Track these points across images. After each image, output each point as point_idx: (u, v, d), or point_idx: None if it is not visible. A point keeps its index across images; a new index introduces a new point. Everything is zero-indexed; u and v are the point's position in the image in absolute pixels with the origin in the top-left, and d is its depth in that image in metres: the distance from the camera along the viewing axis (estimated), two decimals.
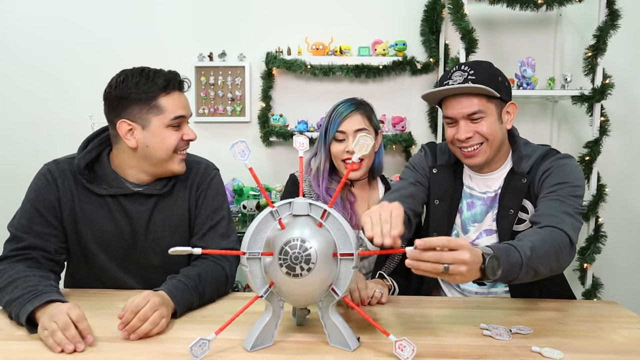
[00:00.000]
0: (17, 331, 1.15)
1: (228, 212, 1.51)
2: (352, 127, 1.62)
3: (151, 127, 1.35)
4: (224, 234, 1.46)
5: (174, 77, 1.38)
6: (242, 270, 1.07)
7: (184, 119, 1.40)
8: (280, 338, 1.11)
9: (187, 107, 1.42)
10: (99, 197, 1.39)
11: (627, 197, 2.88)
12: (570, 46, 2.84)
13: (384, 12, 2.90)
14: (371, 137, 1.04)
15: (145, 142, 1.36)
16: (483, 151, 1.42)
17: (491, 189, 1.49)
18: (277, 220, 1.03)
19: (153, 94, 1.34)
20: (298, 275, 0.98)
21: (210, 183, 1.50)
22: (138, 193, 1.41)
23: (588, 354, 1.06)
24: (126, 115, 1.34)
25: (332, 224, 1.03)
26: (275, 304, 1.07)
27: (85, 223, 1.39)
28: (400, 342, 0.99)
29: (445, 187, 1.53)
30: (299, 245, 0.98)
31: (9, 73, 2.95)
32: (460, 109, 1.40)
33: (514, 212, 1.42)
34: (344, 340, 1.05)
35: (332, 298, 1.05)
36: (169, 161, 1.39)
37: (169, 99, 1.36)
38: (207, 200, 1.48)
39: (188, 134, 1.42)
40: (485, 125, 1.39)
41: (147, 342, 1.09)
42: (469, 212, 1.52)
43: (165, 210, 1.44)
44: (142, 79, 1.34)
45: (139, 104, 1.34)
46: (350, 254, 1.02)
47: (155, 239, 1.43)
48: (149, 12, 2.92)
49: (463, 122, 1.41)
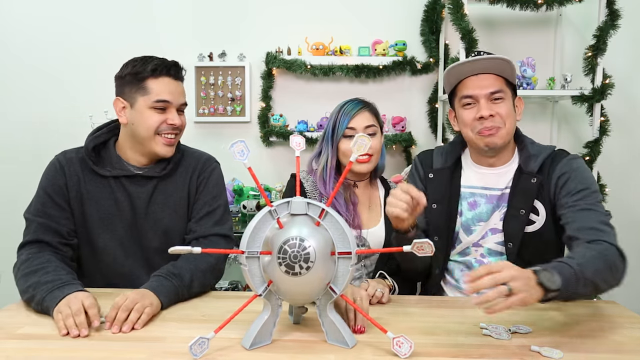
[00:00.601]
0: (17, 330, 1.15)
1: (225, 203, 1.57)
2: (362, 123, 1.64)
3: (137, 105, 1.44)
4: (218, 221, 1.52)
5: (164, 63, 1.46)
6: (241, 270, 1.07)
7: (168, 103, 1.45)
8: (278, 336, 1.11)
9: (177, 95, 1.47)
10: (102, 179, 1.48)
11: (627, 197, 2.88)
12: (570, 46, 2.84)
13: (384, 12, 2.90)
14: (369, 138, 1.05)
15: (132, 120, 1.46)
16: (501, 135, 1.42)
17: (496, 186, 1.48)
18: (276, 219, 1.04)
19: (142, 75, 1.43)
20: (297, 273, 0.99)
21: (211, 173, 1.57)
22: (139, 175, 1.49)
23: (588, 354, 1.06)
24: (121, 94, 1.47)
25: (330, 222, 1.04)
26: (274, 302, 1.07)
27: (91, 203, 1.47)
28: (397, 338, 1.00)
29: (442, 190, 1.53)
30: (298, 244, 0.99)
31: (9, 73, 2.95)
32: (483, 87, 1.41)
33: (525, 212, 1.41)
34: (342, 338, 1.06)
35: (329, 296, 1.05)
36: (151, 141, 1.46)
37: (157, 83, 1.44)
38: (207, 188, 1.54)
39: (172, 119, 1.46)
40: (504, 108, 1.41)
41: (147, 341, 1.09)
42: (471, 211, 1.51)
43: (165, 192, 1.51)
44: (138, 62, 1.45)
45: (131, 84, 1.44)
46: (348, 253, 1.03)
47: (155, 219, 1.49)
48: (149, 12, 2.92)
49: (484, 101, 1.41)
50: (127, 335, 1.12)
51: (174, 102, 1.47)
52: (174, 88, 1.47)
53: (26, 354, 1.03)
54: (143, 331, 1.15)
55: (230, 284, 2.73)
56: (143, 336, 1.12)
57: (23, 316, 1.25)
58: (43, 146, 2.84)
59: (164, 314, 1.26)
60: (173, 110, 1.47)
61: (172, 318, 1.23)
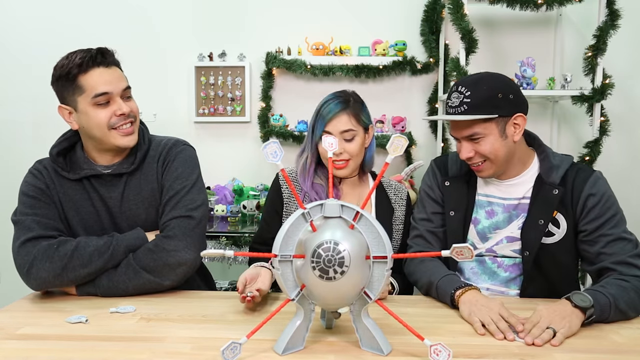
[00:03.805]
0: (17, 330, 1.15)
1: (193, 183, 1.45)
2: (338, 128, 1.58)
3: (80, 107, 1.36)
4: (178, 203, 1.41)
5: (90, 54, 1.36)
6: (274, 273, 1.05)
7: (108, 95, 1.36)
8: (310, 341, 1.08)
9: (112, 82, 1.37)
10: (75, 182, 1.43)
11: (627, 197, 2.87)
12: (570, 46, 2.84)
13: (384, 12, 2.90)
14: (405, 138, 1.02)
15: (82, 123, 1.38)
16: (487, 167, 1.44)
17: (513, 195, 1.48)
18: (309, 222, 1.01)
19: (72, 73, 1.34)
20: (331, 278, 0.96)
21: (176, 156, 1.48)
22: (108, 174, 1.44)
23: (588, 354, 1.06)
24: (62, 100, 1.39)
25: (364, 225, 1.01)
26: (307, 307, 1.04)
27: (70, 208, 1.43)
28: (435, 346, 0.96)
29: (458, 198, 1.53)
30: (332, 248, 0.96)
31: (8, 74, 2.95)
32: (458, 132, 1.43)
33: (544, 222, 1.41)
34: (377, 345, 1.03)
35: (364, 301, 1.02)
36: (109, 137, 1.39)
37: (88, 77, 1.34)
38: (169, 172, 1.46)
39: (120, 109, 1.37)
40: (484, 145, 1.40)
41: (147, 342, 1.09)
42: (488, 220, 1.50)
43: (136, 187, 1.45)
44: (64, 61, 1.35)
45: (66, 87, 1.36)
46: (384, 257, 1.00)
47: (131, 216, 1.45)
48: (149, 12, 2.92)
49: (464, 142, 1.43)
50: (127, 336, 1.12)
51: (114, 91, 1.37)
52: (108, 77, 1.37)
53: (25, 354, 1.03)
54: (143, 331, 1.15)
55: (230, 284, 2.73)
56: (143, 336, 1.12)
57: (23, 316, 1.25)
58: (43, 146, 2.83)
59: (164, 314, 1.26)
60: (117, 99, 1.38)
61: (172, 318, 1.23)
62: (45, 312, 1.27)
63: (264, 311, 1.28)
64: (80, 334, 1.13)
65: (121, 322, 1.20)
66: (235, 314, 1.27)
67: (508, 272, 1.48)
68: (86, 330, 1.15)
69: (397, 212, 1.68)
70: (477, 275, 1.52)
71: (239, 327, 1.14)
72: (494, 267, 1.50)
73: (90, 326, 1.18)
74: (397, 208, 1.68)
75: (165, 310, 1.28)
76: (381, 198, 1.69)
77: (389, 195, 1.70)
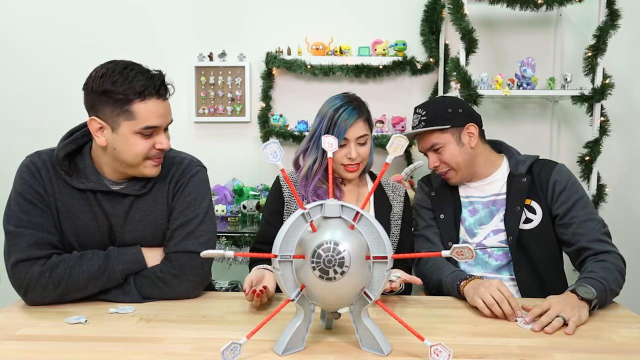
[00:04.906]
0: (17, 331, 1.15)
1: (206, 212, 1.41)
2: (356, 134, 1.58)
3: (120, 130, 1.28)
4: (191, 233, 1.37)
5: (154, 82, 1.28)
6: (274, 274, 1.05)
7: (157, 129, 1.31)
8: (310, 342, 1.08)
9: (165, 115, 1.32)
10: (78, 191, 1.35)
11: (627, 197, 2.88)
12: (570, 46, 2.83)
13: (384, 12, 2.89)
14: (405, 138, 1.02)
15: (113, 145, 1.30)
16: (452, 174, 1.66)
17: (489, 193, 1.67)
18: (309, 222, 1.01)
19: (128, 97, 1.25)
20: (331, 278, 0.96)
21: (190, 179, 1.42)
22: (115, 192, 1.36)
23: (587, 354, 1.06)
24: (98, 112, 1.28)
25: (364, 226, 1.01)
26: (307, 307, 1.04)
27: (66, 217, 1.35)
28: (435, 346, 0.96)
29: (445, 203, 1.70)
30: (332, 248, 0.96)
31: (7, 74, 2.94)
32: (422, 145, 1.69)
33: (519, 208, 1.59)
34: (377, 345, 1.03)
35: (364, 302, 1.03)
36: (139, 166, 1.33)
37: (144, 106, 1.27)
38: (182, 196, 1.40)
39: (161, 143, 1.32)
40: (444, 154, 1.63)
41: (147, 342, 1.09)
42: (472, 217, 1.68)
43: (144, 208, 1.39)
44: (120, 78, 1.25)
45: (112, 105, 1.26)
46: (384, 257, 1.00)
47: (135, 237, 1.38)
48: (149, 12, 2.92)
49: (430, 154, 1.67)
50: (126, 336, 1.12)
51: (163, 125, 1.33)
52: (162, 110, 1.31)
53: (25, 355, 1.03)
54: (143, 332, 1.15)
55: (230, 284, 2.73)
56: (143, 337, 1.12)
57: (22, 317, 1.25)
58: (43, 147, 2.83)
59: (163, 314, 1.26)
60: (161, 133, 1.33)
61: (172, 319, 1.23)
62: (44, 312, 1.27)
63: (264, 312, 1.29)
64: (80, 335, 1.13)
65: (121, 322, 1.20)
66: (235, 314, 1.27)
67: (499, 260, 1.62)
68: (85, 330, 1.15)
69: (395, 207, 1.68)
70: (471, 266, 1.65)
71: (239, 327, 1.14)
72: (484, 257, 1.64)
73: (89, 327, 1.18)
74: (395, 204, 1.69)
75: (165, 311, 1.28)
76: (379, 196, 1.69)
77: (387, 192, 1.70)
